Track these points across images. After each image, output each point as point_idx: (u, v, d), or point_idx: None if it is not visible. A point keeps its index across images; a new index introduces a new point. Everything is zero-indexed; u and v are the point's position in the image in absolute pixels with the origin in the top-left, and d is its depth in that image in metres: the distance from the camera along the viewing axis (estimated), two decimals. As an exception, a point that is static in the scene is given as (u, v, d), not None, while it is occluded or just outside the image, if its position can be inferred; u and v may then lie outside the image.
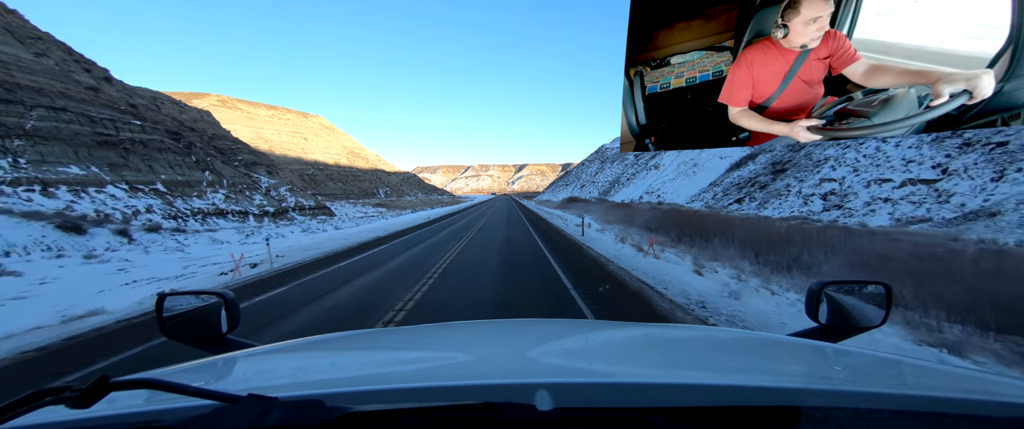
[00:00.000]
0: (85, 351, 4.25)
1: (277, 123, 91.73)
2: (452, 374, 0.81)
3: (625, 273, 7.77)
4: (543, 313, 5.30)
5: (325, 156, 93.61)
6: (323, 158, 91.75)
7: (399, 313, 5.23)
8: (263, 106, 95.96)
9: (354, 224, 29.21)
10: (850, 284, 1.25)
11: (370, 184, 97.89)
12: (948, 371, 0.80)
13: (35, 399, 0.47)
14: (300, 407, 0.51)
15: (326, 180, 79.98)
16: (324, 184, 76.97)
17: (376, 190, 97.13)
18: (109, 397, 0.49)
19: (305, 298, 6.28)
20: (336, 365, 0.96)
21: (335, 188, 78.94)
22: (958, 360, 3.60)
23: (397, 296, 6.15)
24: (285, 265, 9.64)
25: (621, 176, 66.78)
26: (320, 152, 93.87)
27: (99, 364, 3.90)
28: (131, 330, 4.91)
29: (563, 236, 15.28)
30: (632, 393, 0.65)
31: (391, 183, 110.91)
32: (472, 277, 7.59)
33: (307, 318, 5.18)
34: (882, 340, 3.96)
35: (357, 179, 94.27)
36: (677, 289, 6.41)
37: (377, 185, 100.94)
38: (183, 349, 1.15)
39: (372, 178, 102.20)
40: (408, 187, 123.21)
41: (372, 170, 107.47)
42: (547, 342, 1.12)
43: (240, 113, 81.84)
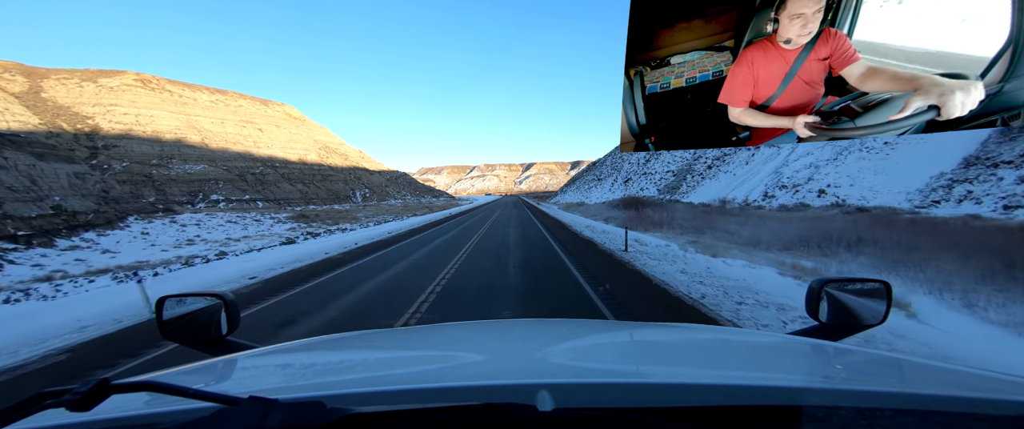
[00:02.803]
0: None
1: (222, 110, 74.00)
2: (453, 375, 0.81)
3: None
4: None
5: (287, 151, 78.79)
6: (284, 154, 76.99)
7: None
8: (205, 89, 77.04)
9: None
10: (850, 282, 1.26)
11: (344, 185, 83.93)
12: (949, 370, 0.80)
13: (35, 402, 0.47)
14: (301, 409, 0.51)
15: (280, 181, 65.98)
16: (274, 185, 63.06)
17: (351, 193, 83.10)
18: (110, 400, 0.49)
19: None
20: (337, 366, 0.96)
21: (290, 190, 65.40)
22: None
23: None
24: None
25: (694, 163, 48.12)
26: (281, 146, 78.47)
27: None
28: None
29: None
30: (633, 393, 0.65)
31: (373, 184, 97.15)
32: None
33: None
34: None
35: (327, 179, 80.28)
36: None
37: (353, 186, 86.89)
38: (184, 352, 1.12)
39: (348, 178, 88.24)
40: (395, 188, 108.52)
41: (349, 169, 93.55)
42: (548, 342, 1.12)
43: (167, 95, 64.39)
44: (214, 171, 55.36)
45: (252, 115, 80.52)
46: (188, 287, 8.42)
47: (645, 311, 5.42)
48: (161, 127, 57.02)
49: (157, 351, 4.41)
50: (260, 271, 9.49)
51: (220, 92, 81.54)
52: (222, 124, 70.47)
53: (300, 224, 37.71)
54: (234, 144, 67.47)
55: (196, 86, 75.43)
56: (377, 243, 14.70)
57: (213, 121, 68.85)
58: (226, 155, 62.31)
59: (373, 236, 17.63)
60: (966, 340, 4.12)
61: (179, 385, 0.51)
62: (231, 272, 9.50)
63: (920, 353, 4.06)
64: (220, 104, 76.27)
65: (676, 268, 8.30)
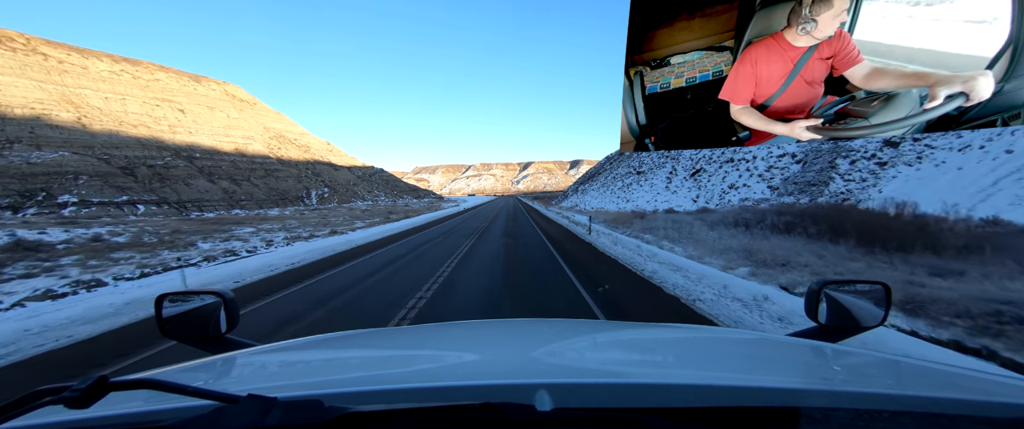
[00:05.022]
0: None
1: (127, 84, 56.78)
2: (452, 374, 0.81)
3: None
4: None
5: (218, 139, 62.26)
6: (212, 142, 60.51)
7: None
8: (106, 56, 58.72)
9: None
10: (849, 284, 1.26)
11: (296, 183, 67.85)
12: (947, 371, 0.80)
13: (34, 399, 0.47)
14: (299, 407, 0.51)
15: (194, 176, 50.35)
16: (181, 182, 48.03)
17: (304, 193, 67.41)
18: (108, 397, 0.49)
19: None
20: (336, 365, 0.96)
21: (207, 190, 49.85)
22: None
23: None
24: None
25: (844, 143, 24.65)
26: (211, 132, 62.07)
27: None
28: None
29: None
30: (632, 393, 0.65)
31: (338, 182, 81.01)
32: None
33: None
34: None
35: (272, 175, 64.67)
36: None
37: (309, 185, 70.76)
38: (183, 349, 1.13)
39: (304, 175, 72.79)
40: (366, 188, 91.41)
41: (308, 163, 78.43)
42: (548, 342, 1.12)
43: (36, 60, 47.76)
44: (78, 161, 40.89)
45: (173, 92, 63.61)
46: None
47: None
48: (13, 99, 42.33)
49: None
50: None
51: (130, 62, 62.66)
52: (122, 101, 53.95)
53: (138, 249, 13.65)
54: (135, 127, 51.69)
55: (91, 52, 57.99)
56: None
57: (108, 97, 52.99)
58: (114, 140, 47.31)
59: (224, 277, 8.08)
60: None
61: (178, 383, 0.51)
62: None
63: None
64: (126, 76, 58.38)
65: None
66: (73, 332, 4.90)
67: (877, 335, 3.97)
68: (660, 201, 37.16)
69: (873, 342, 3.76)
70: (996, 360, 3.67)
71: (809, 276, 7.24)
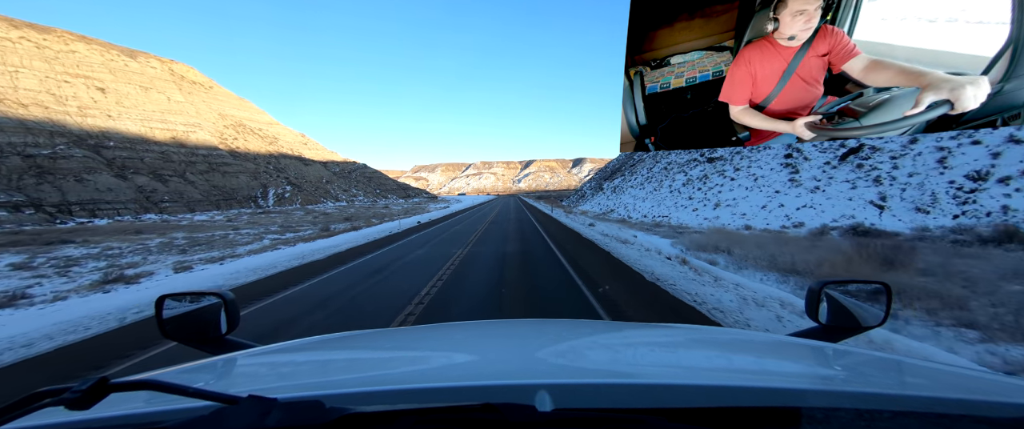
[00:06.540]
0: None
1: (26, 54, 46.39)
2: (452, 375, 0.81)
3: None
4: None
5: (151, 125, 51.82)
6: (141, 129, 49.99)
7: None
8: (1, 19, 48.31)
9: None
10: (850, 284, 1.25)
11: (251, 179, 56.40)
12: (948, 371, 0.80)
13: (34, 400, 0.47)
14: (300, 408, 0.51)
15: (96, 169, 39.69)
16: (73, 177, 37.38)
17: (261, 191, 55.91)
18: (109, 398, 0.49)
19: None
20: (336, 366, 0.96)
21: (113, 187, 39.58)
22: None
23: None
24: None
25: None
26: (143, 117, 51.72)
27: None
28: None
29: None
30: (633, 394, 0.65)
31: (306, 178, 68.92)
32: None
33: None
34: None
35: (218, 170, 53.85)
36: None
37: (268, 182, 58.98)
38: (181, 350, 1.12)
39: (263, 169, 60.47)
40: (342, 185, 78.87)
41: (269, 156, 66.51)
42: (548, 343, 1.12)
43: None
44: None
45: (93, 67, 52.89)
46: None
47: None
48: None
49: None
50: None
51: (36, 28, 51.54)
52: (13, 75, 43.86)
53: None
54: (23, 106, 41.44)
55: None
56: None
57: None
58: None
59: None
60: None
61: (179, 384, 0.51)
62: None
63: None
64: (26, 44, 47.66)
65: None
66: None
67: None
68: (791, 206, 19.83)
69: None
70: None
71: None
